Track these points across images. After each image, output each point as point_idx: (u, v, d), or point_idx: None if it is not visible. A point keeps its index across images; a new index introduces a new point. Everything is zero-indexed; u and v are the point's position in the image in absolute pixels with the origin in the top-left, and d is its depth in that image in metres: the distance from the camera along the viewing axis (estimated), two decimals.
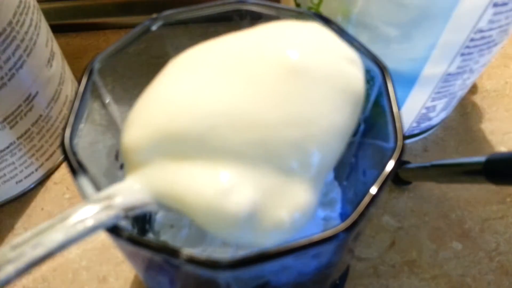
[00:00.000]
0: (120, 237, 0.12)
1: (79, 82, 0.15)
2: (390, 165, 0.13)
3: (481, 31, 0.20)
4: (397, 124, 0.14)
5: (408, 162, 0.27)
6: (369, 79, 0.16)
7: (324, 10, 0.23)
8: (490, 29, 0.20)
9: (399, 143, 0.14)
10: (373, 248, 0.25)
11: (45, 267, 0.24)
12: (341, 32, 0.17)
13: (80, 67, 0.28)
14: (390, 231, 0.26)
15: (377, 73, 0.16)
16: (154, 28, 0.17)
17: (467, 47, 0.21)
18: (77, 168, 0.13)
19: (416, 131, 0.29)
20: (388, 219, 0.27)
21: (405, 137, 0.29)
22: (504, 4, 0.19)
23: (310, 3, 0.24)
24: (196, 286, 0.15)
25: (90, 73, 0.15)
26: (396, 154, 0.13)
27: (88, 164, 0.14)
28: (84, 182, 0.13)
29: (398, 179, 0.27)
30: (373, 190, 0.13)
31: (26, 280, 0.23)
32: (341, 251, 0.15)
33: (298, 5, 0.26)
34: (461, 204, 0.27)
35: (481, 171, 0.19)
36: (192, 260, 0.11)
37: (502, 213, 0.27)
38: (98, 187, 0.14)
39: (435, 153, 0.30)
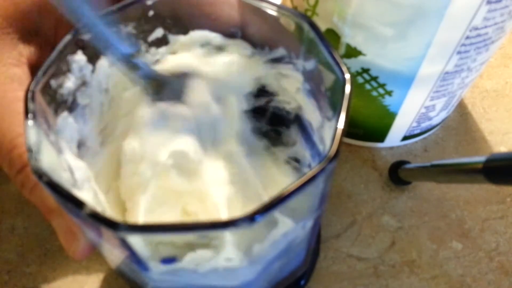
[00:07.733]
0: (40, 179, 0.13)
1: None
2: (312, 171, 0.13)
3: (476, 28, 0.20)
4: (339, 126, 0.14)
5: (408, 162, 0.27)
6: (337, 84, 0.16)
7: (320, 11, 0.24)
8: (485, 27, 0.20)
9: (334, 147, 0.13)
10: (373, 248, 0.25)
11: (44, 267, 0.24)
12: (321, 37, 0.16)
13: None
14: (390, 231, 0.26)
15: (341, 80, 0.16)
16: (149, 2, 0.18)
17: (463, 45, 0.21)
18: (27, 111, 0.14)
19: (416, 131, 0.29)
20: (388, 219, 0.27)
21: (406, 137, 0.29)
22: (498, 1, 0.19)
23: (306, 4, 0.24)
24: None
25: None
26: (325, 161, 0.13)
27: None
28: (31, 127, 0.14)
29: (398, 179, 0.27)
30: (289, 188, 0.12)
31: (26, 280, 0.24)
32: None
33: (295, 7, 0.26)
34: (461, 204, 0.27)
35: (481, 171, 0.19)
36: (94, 216, 0.12)
37: (502, 213, 0.27)
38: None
39: (435, 153, 0.30)
